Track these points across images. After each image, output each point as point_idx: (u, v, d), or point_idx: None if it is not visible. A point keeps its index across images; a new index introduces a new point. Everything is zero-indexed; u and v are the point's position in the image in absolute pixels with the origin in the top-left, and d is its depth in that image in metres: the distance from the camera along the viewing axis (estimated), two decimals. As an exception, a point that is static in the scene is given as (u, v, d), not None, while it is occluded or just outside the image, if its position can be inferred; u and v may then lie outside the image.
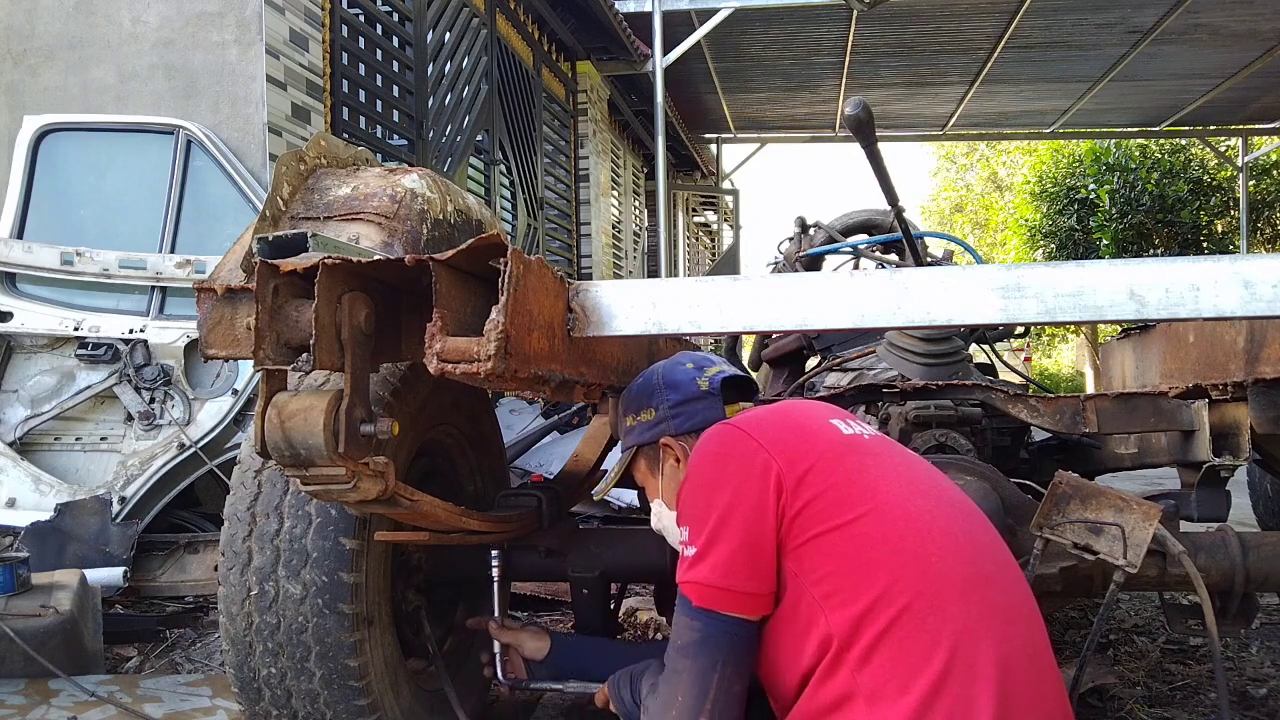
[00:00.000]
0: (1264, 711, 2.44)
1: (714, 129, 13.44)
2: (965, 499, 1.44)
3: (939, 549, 1.28)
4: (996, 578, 1.31)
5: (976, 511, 1.43)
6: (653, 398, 1.63)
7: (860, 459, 1.37)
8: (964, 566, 1.28)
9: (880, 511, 1.30)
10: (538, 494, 2.14)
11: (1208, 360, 2.23)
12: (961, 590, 1.26)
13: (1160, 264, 1.23)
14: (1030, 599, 1.34)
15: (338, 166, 1.64)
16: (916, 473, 1.42)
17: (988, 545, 1.36)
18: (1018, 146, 20.77)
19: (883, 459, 1.40)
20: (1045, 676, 1.28)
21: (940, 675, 1.19)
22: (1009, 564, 1.37)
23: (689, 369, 1.64)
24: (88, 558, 3.27)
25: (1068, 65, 10.39)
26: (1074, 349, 20.17)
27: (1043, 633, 1.32)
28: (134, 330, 3.72)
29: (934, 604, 1.23)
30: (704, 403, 1.60)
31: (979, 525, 1.39)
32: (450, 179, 3.69)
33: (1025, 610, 1.32)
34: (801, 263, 3.73)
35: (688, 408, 1.59)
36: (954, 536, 1.31)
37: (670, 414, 1.60)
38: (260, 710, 1.78)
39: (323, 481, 1.32)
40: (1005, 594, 1.30)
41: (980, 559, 1.32)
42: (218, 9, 4.32)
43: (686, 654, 1.33)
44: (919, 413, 2.37)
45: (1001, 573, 1.33)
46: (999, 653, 1.22)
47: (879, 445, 1.43)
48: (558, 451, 4.47)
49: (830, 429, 1.42)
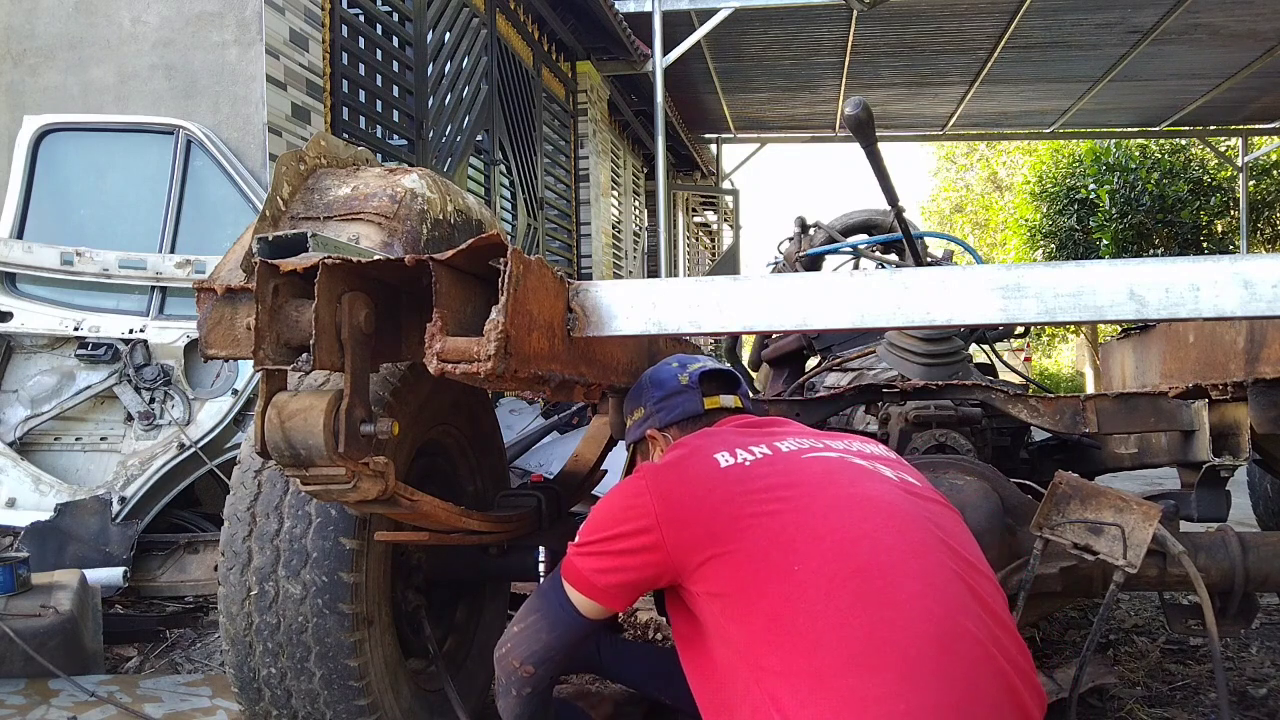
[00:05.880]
0: (1264, 711, 2.44)
1: (714, 129, 13.44)
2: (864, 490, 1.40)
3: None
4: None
5: (880, 500, 1.38)
6: (642, 396, 1.78)
7: (730, 489, 1.40)
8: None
9: (747, 536, 1.34)
10: (538, 494, 2.14)
11: (1208, 360, 2.23)
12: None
13: (1160, 264, 1.23)
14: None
15: (338, 166, 1.64)
16: (799, 479, 1.41)
17: (871, 534, 1.32)
18: (1018, 146, 20.76)
19: (757, 481, 1.40)
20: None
21: None
22: (898, 544, 1.31)
23: (673, 367, 1.77)
24: (88, 558, 3.27)
25: (1068, 65, 10.39)
26: (1074, 349, 20.16)
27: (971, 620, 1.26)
28: (134, 330, 3.72)
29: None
30: (683, 396, 1.72)
31: (862, 513, 1.35)
32: (450, 179, 3.69)
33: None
34: (801, 263, 3.73)
35: (669, 402, 1.73)
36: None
37: (655, 409, 1.74)
38: (260, 710, 1.78)
39: (323, 481, 1.32)
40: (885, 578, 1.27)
41: (854, 550, 1.29)
42: (218, 9, 4.32)
43: (534, 606, 1.57)
44: (919, 413, 2.37)
45: (878, 558, 1.29)
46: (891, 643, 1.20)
47: (757, 469, 1.43)
48: (558, 451, 4.46)
49: (709, 464, 1.45)
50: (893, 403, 2.47)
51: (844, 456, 1.49)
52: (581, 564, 1.50)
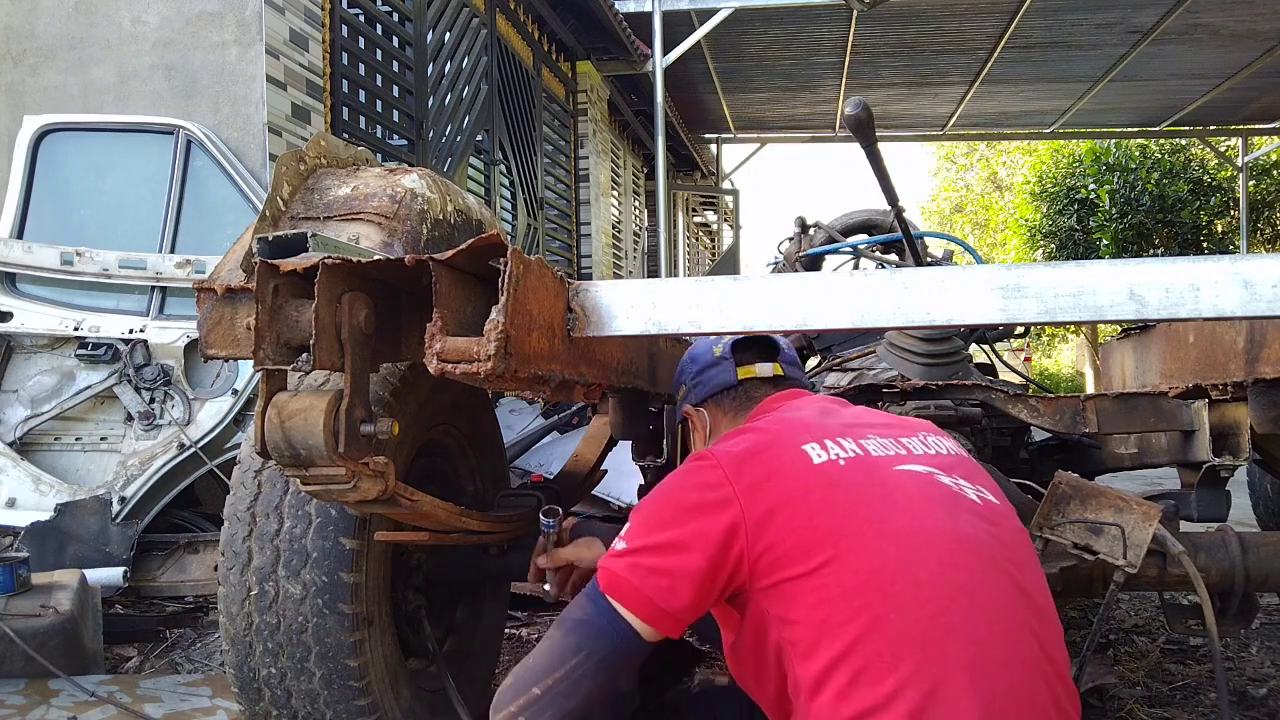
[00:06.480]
0: (1264, 711, 2.44)
1: (714, 129, 13.44)
2: (956, 528, 1.26)
3: (899, 603, 1.17)
4: (966, 628, 1.17)
5: (971, 542, 1.25)
6: (683, 374, 1.70)
7: (828, 494, 1.25)
8: (928, 619, 1.16)
9: (841, 560, 1.19)
10: (538, 494, 2.14)
11: (1208, 360, 2.23)
12: (920, 644, 1.15)
13: (1160, 264, 1.23)
14: (1025, 648, 1.20)
15: (338, 166, 1.64)
16: (895, 501, 1.26)
17: (966, 587, 1.20)
18: (1018, 146, 20.76)
19: (854, 491, 1.26)
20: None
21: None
22: (999, 607, 1.21)
23: (709, 340, 1.68)
24: (88, 558, 3.27)
25: (1068, 65, 10.39)
26: (1074, 349, 20.16)
27: (1033, 681, 1.19)
28: (134, 330, 3.72)
29: (890, 662, 1.13)
30: (717, 368, 1.63)
31: (961, 561, 1.22)
32: (450, 179, 3.69)
33: (1008, 661, 1.17)
34: (801, 263, 3.73)
35: (704, 375, 1.64)
36: (919, 585, 1.18)
37: (692, 384, 1.66)
38: (260, 710, 1.78)
39: (323, 481, 1.32)
40: (977, 645, 1.16)
41: (951, 606, 1.18)
42: (218, 9, 4.32)
43: (562, 626, 1.26)
44: (919, 413, 2.37)
45: (974, 619, 1.18)
46: (966, 707, 1.12)
47: (852, 473, 1.28)
48: (558, 451, 4.46)
49: (801, 459, 1.29)
50: (893, 403, 2.47)
51: (933, 473, 1.33)
52: (633, 573, 1.23)
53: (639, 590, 1.22)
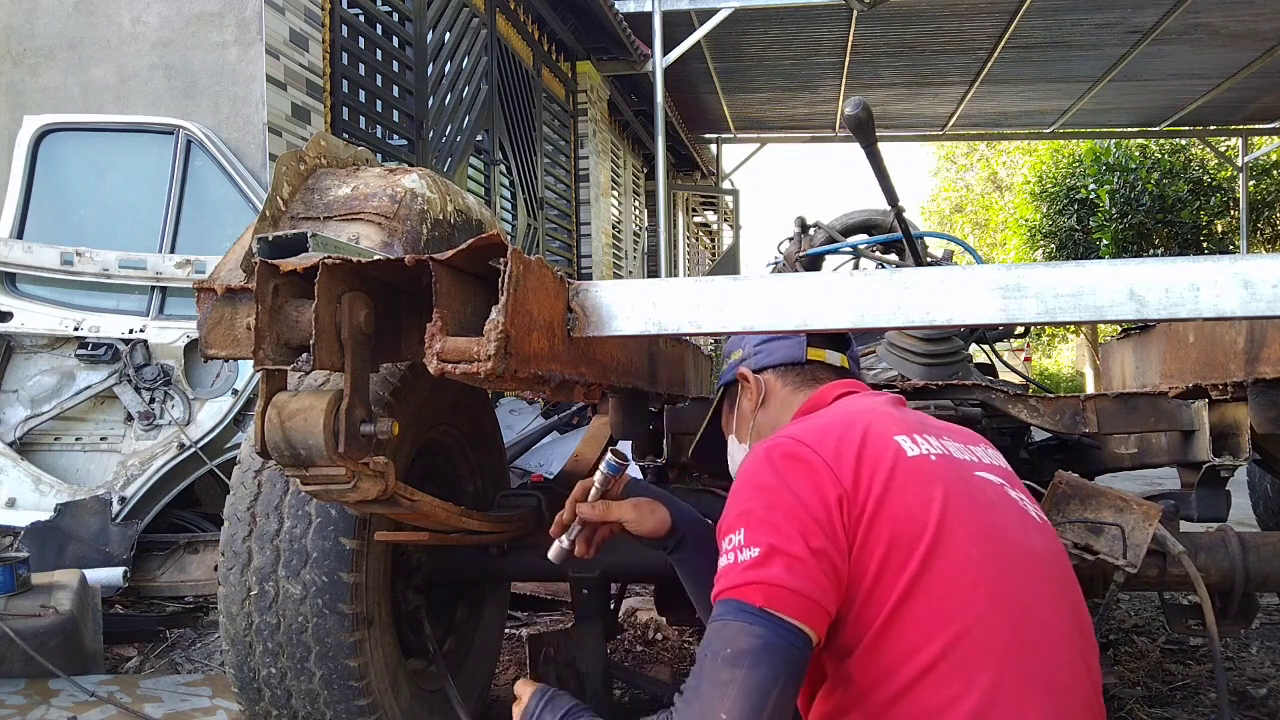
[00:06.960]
0: (1264, 711, 2.44)
1: (714, 129, 13.44)
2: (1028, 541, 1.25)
3: (979, 609, 1.15)
4: (1040, 645, 1.17)
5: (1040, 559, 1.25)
6: (744, 339, 1.64)
7: (924, 490, 1.21)
8: (1006, 631, 1.15)
9: (936, 557, 1.16)
10: (538, 494, 2.14)
11: (1208, 360, 2.23)
12: (999, 655, 1.14)
13: (1160, 264, 1.23)
14: (1080, 672, 1.20)
15: (338, 166, 1.64)
16: (980, 503, 1.25)
17: (1040, 606, 1.20)
18: (1018, 146, 20.77)
19: (950, 488, 1.22)
20: None
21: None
22: (1062, 628, 1.21)
23: None
24: (88, 558, 3.27)
25: (1068, 65, 10.39)
26: (1074, 349, 20.17)
27: (1088, 705, 1.19)
28: (134, 330, 3.72)
29: (974, 666, 1.12)
30: (787, 342, 1.58)
31: (1036, 579, 1.22)
32: (450, 179, 3.69)
33: (1068, 685, 1.17)
34: (801, 263, 3.73)
35: (771, 345, 1.59)
36: (1000, 598, 1.17)
37: (754, 350, 1.61)
38: (260, 710, 1.78)
39: (323, 481, 1.32)
40: (1046, 664, 1.16)
41: (1026, 624, 1.17)
42: (218, 9, 4.32)
43: (740, 663, 1.07)
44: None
45: (1047, 639, 1.18)
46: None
47: (944, 470, 1.25)
48: (558, 451, 4.47)
49: (895, 449, 1.25)
50: (893, 403, 2.47)
51: (1003, 485, 1.31)
52: (790, 577, 1.12)
53: (802, 594, 1.12)
